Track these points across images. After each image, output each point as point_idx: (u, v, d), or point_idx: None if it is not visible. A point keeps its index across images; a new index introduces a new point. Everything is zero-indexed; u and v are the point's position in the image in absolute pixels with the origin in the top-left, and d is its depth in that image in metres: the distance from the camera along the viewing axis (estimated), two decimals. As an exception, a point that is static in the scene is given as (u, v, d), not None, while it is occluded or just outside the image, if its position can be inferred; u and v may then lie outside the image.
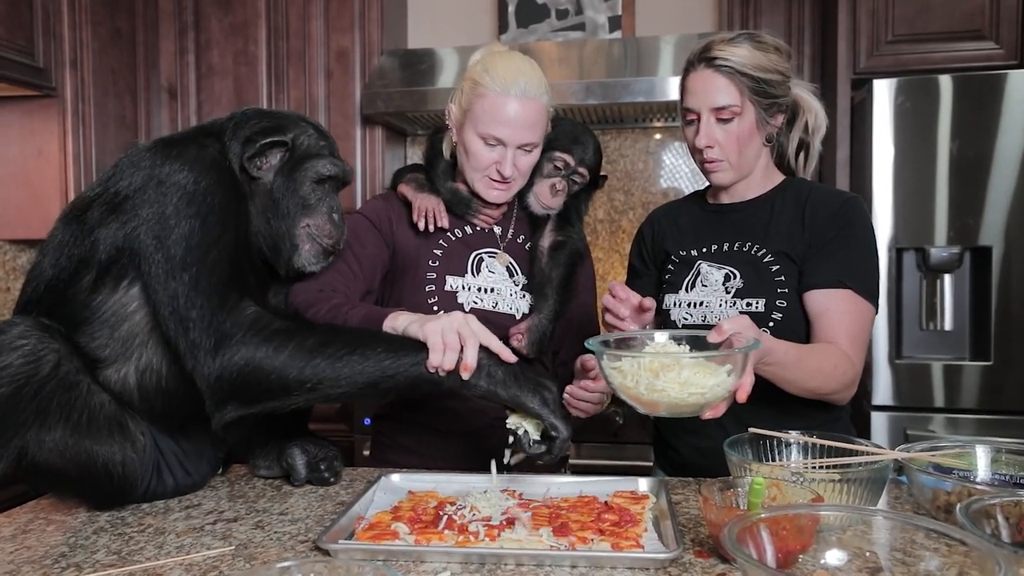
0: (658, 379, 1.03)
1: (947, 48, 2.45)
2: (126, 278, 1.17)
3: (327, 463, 1.30)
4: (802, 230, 1.40)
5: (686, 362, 1.04)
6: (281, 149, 1.27)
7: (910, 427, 2.31)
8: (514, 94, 1.42)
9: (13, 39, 2.41)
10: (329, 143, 1.34)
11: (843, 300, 1.35)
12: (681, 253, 1.51)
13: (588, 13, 3.07)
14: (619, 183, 3.22)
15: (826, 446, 1.18)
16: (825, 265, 1.37)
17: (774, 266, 1.40)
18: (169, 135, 1.29)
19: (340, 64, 2.99)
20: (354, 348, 1.11)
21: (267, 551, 1.03)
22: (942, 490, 1.06)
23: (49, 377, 1.08)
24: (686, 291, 1.47)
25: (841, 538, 0.91)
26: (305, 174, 1.28)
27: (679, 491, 1.25)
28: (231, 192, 1.21)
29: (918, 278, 2.37)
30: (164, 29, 3.05)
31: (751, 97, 1.37)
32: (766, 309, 1.38)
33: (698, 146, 1.40)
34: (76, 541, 1.08)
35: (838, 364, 1.30)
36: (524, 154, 1.46)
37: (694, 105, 1.40)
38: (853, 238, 1.38)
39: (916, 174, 2.32)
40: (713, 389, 1.04)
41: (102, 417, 1.13)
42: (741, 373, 1.06)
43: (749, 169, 1.44)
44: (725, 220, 1.49)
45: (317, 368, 1.09)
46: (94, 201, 1.18)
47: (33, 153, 2.67)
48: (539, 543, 0.98)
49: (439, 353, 1.13)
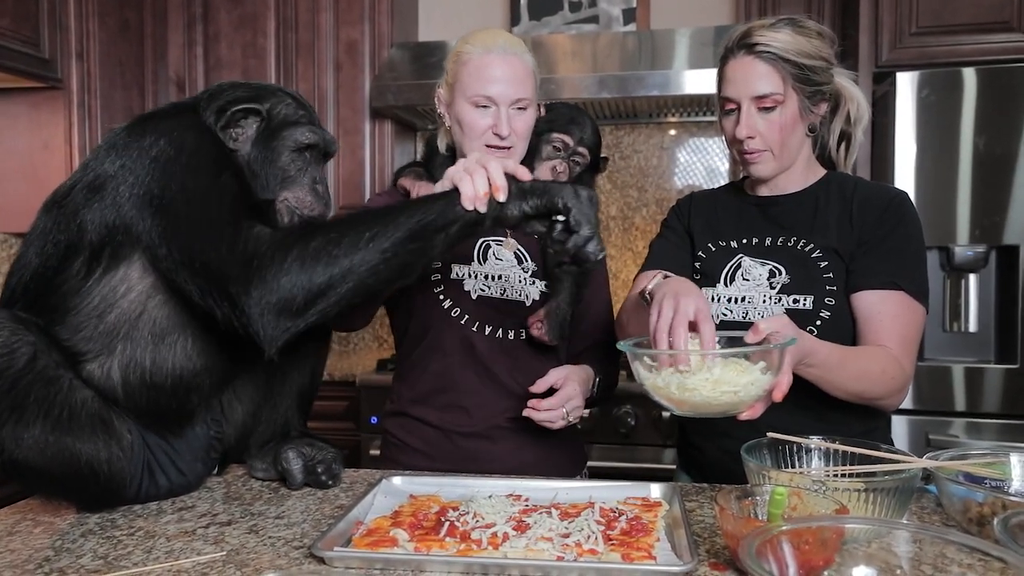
0: (688, 378, 0.99)
1: (973, 40, 2.37)
2: (120, 259, 1.12)
3: (325, 466, 1.25)
4: (850, 227, 1.35)
5: (717, 360, 0.99)
6: (256, 118, 1.23)
7: (932, 431, 2.24)
8: (497, 52, 1.40)
9: (18, 30, 2.38)
10: (308, 112, 1.29)
11: (896, 303, 1.29)
12: (720, 244, 1.44)
13: (602, 5, 3.01)
14: (632, 179, 3.16)
15: (849, 453, 1.12)
16: (878, 266, 1.31)
17: (822, 262, 1.34)
18: (145, 112, 1.25)
19: (349, 57, 2.95)
20: (384, 218, 1.05)
21: (260, 558, 0.98)
22: (974, 501, 1.00)
23: (24, 371, 1.04)
24: (724, 285, 1.40)
25: (867, 552, 0.85)
26: (283, 143, 1.23)
27: (693, 498, 1.20)
28: (216, 147, 1.16)
29: (941, 278, 2.30)
30: (172, 21, 3.02)
31: (794, 84, 1.31)
32: (814, 307, 1.33)
33: (739, 137, 1.34)
34: (62, 544, 1.03)
35: (887, 368, 1.24)
36: (518, 113, 1.42)
37: (733, 94, 1.34)
38: (905, 238, 1.32)
39: (940, 170, 2.25)
40: (747, 388, 1.00)
41: (84, 414, 1.09)
42: (777, 372, 1.02)
43: (791, 161, 1.38)
44: (767, 213, 1.43)
45: (353, 253, 1.02)
46: (74, 186, 1.14)
47: (39, 146, 2.65)
48: (543, 553, 0.93)
49: (468, 183, 1.06)
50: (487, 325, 1.46)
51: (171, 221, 1.07)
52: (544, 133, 1.52)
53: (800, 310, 1.33)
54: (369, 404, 2.60)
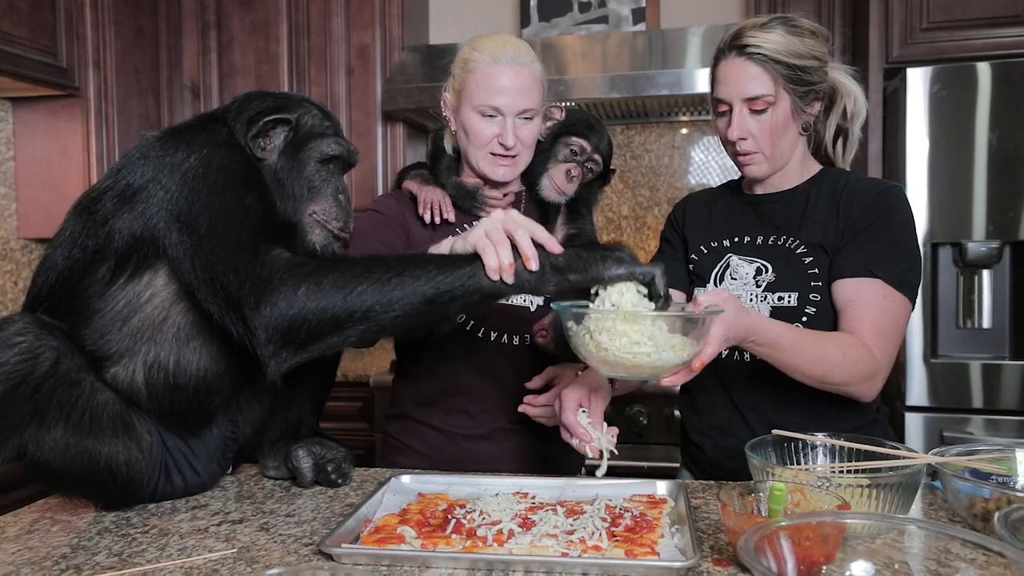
0: (603, 337, 1.00)
1: (986, 35, 2.35)
2: (146, 267, 1.15)
3: (334, 465, 1.27)
4: (836, 220, 1.34)
5: (628, 320, 0.99)
6: (285, 128, 1.25)
7: (946, 429, 2.22)
8: (505, 62, 1.40)
9: (36, 39, 2.42)
10: (333, 124, 1.31)
11: (871, 291, 1.28)
12: (712, 244, 1.45)
13: (611, 5, 3.02)
14: (644, 178, 3.16)
15: (854, 450, 1.12)
16: (855, 254, 1.30)
17: (807, 258, 1.34)
18: (176, 124, 1.27)
19: (361, 61, 2.97)
20: (402, 270, 1.02)
21: (270, 554, 1.00)
22: (979, 496, 1.00)
23: (47, 375, 1.06)
24: (715, 284, 1.42)
25: (869, 548, 0.86)
26: (309, 154, 1.25)
27: (699, 495, 1.20)
28: (245, 165, 1.18)
29: (955, 274, 2.28)
30: (187, 28, 3.06)
31: (785, 86, 1.30)
32: (799, 303, 1.33)
33: (730, 138, 1.35)
34: (79, 542, 1.06)
35: (849, 354, 1.22)
36: (524, 123, 1.43)
37: (725, 95, 1.34)
38: (888, 227, 1.31)
39: (953, 166, 2.23)
40: (666, 351, 0.99)
41: (106, 416, 1.11)
42: (701, 340, 1.02)
43: (784, 160, 1.38)
44: (759, 212, 1.43)
45: (364, 295, 1.01)
46: (105, 193, 1.16)
47: (57, 152, 2.69)
48: (547, 550, 0.94)
49: (492, 254, 1.00)
50: (492, 331, 1.47)
51: (195, 239, 1.09)
52: (562, 136, 1.53)
53: (785, 307, 1.33)
54: (383, 405, 2.62)
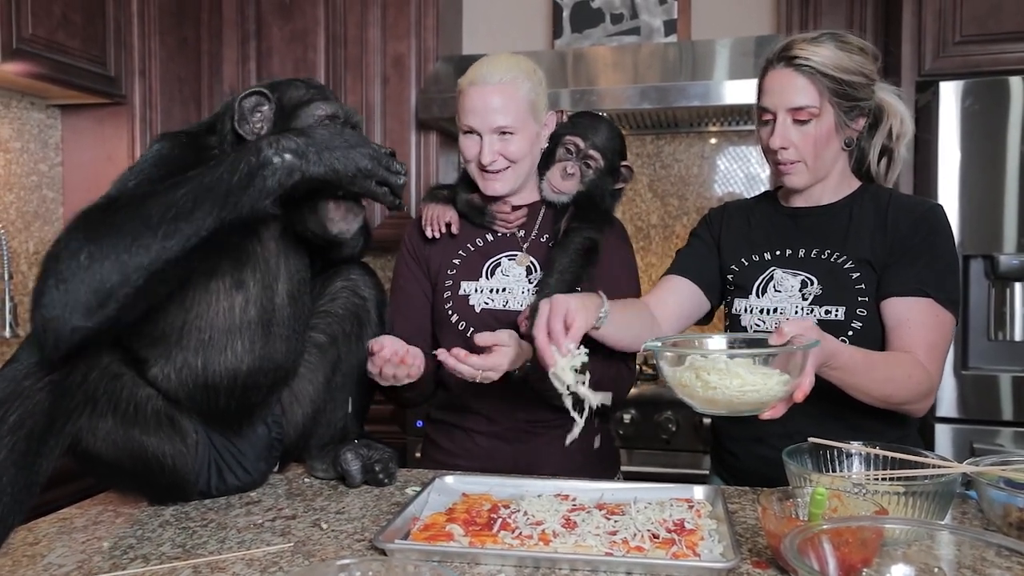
0: (712, 378, 1.03)
1: (1020, 49, 2.35)
2: None
3: (382, 465, 1.32)
4: (884, 237, 1.37)
5: (739, 362, 1.03)
6: (265, 105, 1.25)
7: (976, 440, 2.23)
8: (478, 83, 1.48)
9: (87, 50, 2.51)
10: (321, 90, 1.30)
11: (923, 310, 1.31)
12: (754, 257, 1.47)
13: (643, 17, 3.05)
14: (673, 188, 3.19)
15: (889, 459, 1.15)
16: (906, 273, 1.33)
17: (854, 273, 1.37)
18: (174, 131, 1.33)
19: (396, 70, 3.03)
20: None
21: (325, 549, 1.04)
22: (1014, 506, 1.03)
23: (93, 364, 1.10)
24: (757, 296, 1.44)
25: (906, 553, 0.88)
26: (298, 122, 1.24)
27: (735, 500, 1.23)
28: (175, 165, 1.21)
29: (986, 286, 2.28)
30: (227, 38, 3.13)
31: (831, 99, 1.33)
32: (846, 317, 1.35)
33: (772, 147, 1.38)
34: (143, 534, 1.11)
35: (912, 373, 1.26)
36: (509, 139, 1.49)
37: (770, 104, 1.37)
38: (936, 246, 1.34)
39: (984, 179, 2.24)
40: (770, 388, 1.03)
41: (150, 409, 1.16)
42: (800, 373, 1.04)
43: (825, 173, 1.41)
44: (799, 225, 1.46)
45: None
46: None
47: (103, 159, 2.77)
48: (592, 549, 0.97)
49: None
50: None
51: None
52: (559, 136, 1.60)
53: (832, 321, 1.35)
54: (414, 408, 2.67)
